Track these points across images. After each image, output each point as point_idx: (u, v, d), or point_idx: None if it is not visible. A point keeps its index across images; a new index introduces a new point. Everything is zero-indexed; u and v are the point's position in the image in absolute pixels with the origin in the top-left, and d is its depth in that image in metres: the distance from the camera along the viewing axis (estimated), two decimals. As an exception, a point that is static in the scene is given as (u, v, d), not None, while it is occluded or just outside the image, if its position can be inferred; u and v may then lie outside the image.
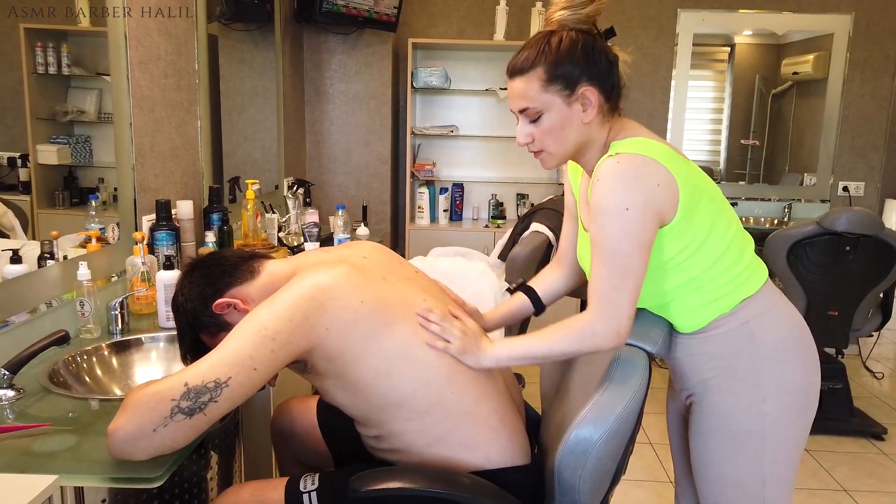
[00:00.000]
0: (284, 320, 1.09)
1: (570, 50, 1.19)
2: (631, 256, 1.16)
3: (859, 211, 2.71)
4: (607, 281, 1.18)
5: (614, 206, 1.14)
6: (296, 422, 1.58)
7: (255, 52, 3.09)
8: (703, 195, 1.22)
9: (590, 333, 1.19)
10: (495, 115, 4.21)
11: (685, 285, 1.25)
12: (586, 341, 1.20)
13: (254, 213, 2.52)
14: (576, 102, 1.21)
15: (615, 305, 1.18)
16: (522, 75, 1.21)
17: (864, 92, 4.06)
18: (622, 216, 1.14)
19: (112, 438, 1.01)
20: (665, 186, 1.16)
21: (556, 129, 1.22)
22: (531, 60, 1.20)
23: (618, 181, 1.15)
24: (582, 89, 1.20)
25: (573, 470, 1.15)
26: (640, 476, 2.66)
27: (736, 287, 1.25)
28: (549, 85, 1.19)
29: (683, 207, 1.18)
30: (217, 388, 1.04)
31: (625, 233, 1.15)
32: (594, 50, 1.20)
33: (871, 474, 2.72)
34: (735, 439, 1.27)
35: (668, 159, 1.17)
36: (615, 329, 1.18)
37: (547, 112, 1.21)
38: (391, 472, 1.17)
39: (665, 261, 1.22)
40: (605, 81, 1.21)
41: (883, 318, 2.99)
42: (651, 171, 1.15)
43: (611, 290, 1.18)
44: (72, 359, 1.49)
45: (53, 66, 1.67)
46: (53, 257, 1.62)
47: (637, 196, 1.14)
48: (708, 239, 1.22)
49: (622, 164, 1.15)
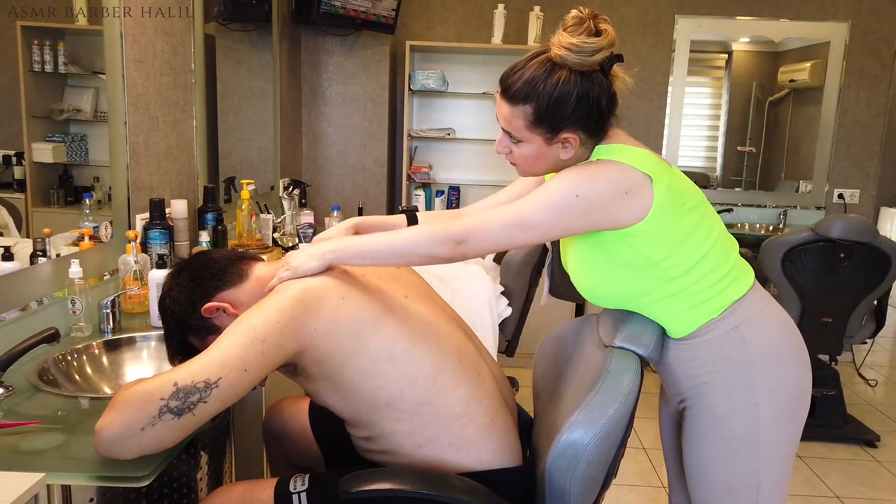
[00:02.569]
0: (273, 322, 1.09)
1: (561, 98, 1.17)
2: (537, 227, 1.17)
3: (854, 218, 2.71)
4: (502, 215, 1.19)
5: (568, 184, 1.16)
6: (287, 422, 1.57)
7: (253, 52, 3.09)
8: (684, 202, 1.23)
9: (442, 236, 1.18)
10: (492, 119, 4.21)
11: (665, 286, 1.25)
12: (435, 241, 1.18)
13: (249, 214, 2.52)
14: (556, 143, 1.22)
15: (484, 230, 1.18)
16: (510, 103, 1.21)
17: (860, 100, 4.07)
18: (566, 195, 1.16)
19: (99, 436, 1.00)
20: (633, 195, 1.17)
21: (529, 158, 1.25)
22: (522, 95, 1.19)
23: (587, 173, 1.17)
24: (564, 135, 1.21)
25: (564, 473, 1.15)
26: (632, 481, 2.66)
27: (721, 290, 1.25)
28: (533, 126, 1.21)
29: (657, 213, 1.18)
30: (207, 388, 1.03)
31: (556, 206, 1.16)
32: (588, 97, 1.18)
33: (863, 481, 2.72)
34: (729, 444, 1.26)
35: (649, 165, 1.18)
36: (465, 237, 1.17)
37: (526, 143, 1.23)
38: (381, 473, 1.16)
39: (639, 258, 1.22)
40: (593, 125, 1.21)
41: (877, 325, 2.99)
42: (623, 177, 1.16)
43: (494, 219, 1.18)
44: (62, 357, 1.48)
45: (50, 65, 1.67)
46: (46, 255, 1.61)
47: (593, 194, 1.15)
48: (686, 242, 1.22)
49: (599, 164, 1.18)
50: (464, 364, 1.24)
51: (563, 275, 1.77)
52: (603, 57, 1.18)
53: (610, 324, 1.31)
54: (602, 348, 1.27)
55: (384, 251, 1.21)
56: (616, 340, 1.24)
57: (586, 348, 1.35)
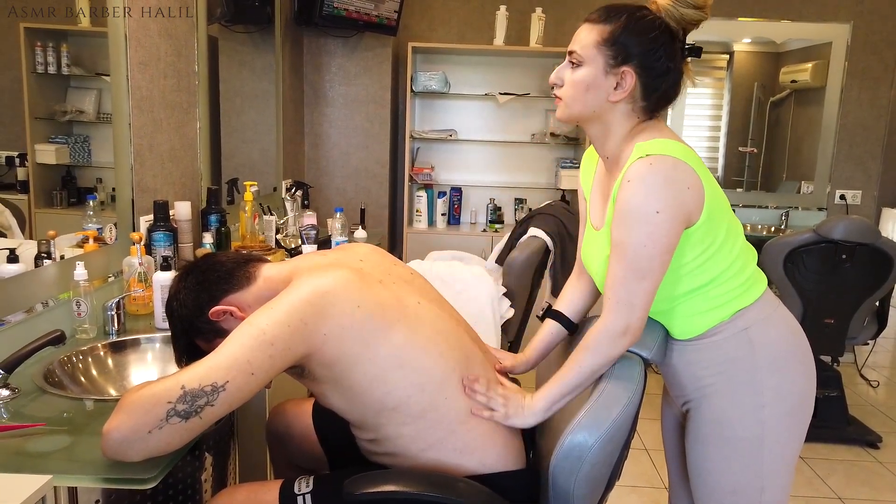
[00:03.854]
0: (283, 325, 1.09)
1: (643, 29, 1.20)
2: (653, 260, 1.16)
3: (856, 219, 2.72)
4: (623, 282, 1.18)
5: (645, 208, 1.14)
6: (291, 424, 1.58)
7: (256, 54, 3.09)
8: (721, 202, 1.23)
9: (607, 338, 1.20)
10: (494, 120, 4.22)
11: (694, 291, 1.25)
12: (605, 347, 1.20)
13: (252, 215, 2.52)
14: (613, 76, 1.21)
15: (627, 305, 1.18)
16: (592, 24, 1.23)
17: (862, 101, 4.07)
18: (651, 219, 1.14)
19: (107, 439, 1.01)
20: (694, 189, 1.16)
21: (581, 85, 1.23)
22: (609, 16, 1.21)
23: (650, 183, 1.15)
24: (625, 68, 1.20)
25: (567, 475, 1.15)
26: (635, 482, 2.66)
27: (738, 295, 1.26)
28: (604, 46, 1.21)
29: (707, 211, 1.18)
30: (214, 391, 1.03)
31: (651, 236, 1.15)
32: (662, 47, 1.20)
33: (865, 483, 2.73)
34: (733, 446, 1.27)
35: (696, 162, 1.18)
36: (624, 325, 1.18)
37: (586, 66, 1.22)
38: (386, 475, 1.17)
39: (681, 265, 1.22)
40: (653, 78, 1.21)
41: (878, 326, 3.00)
42: (682, 173, 1.16)
43: (625, 292, 1.18)
44: (67, 359, 1.49)
45: (53, 66, 1.68)
46: (50, 257, 1.62)
47: (669, 199, 1.14)
48: (723, 245, 1.23)
49: (655, 166, 1.15)
50: (470, 369, 1.24)
51: (565, 276, 1.78)
52: (694, 14, 1.21)
53: (613, 326, 1.31)
54: (605, 351, 1.27)
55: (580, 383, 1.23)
56: (620, 343, 1.25)
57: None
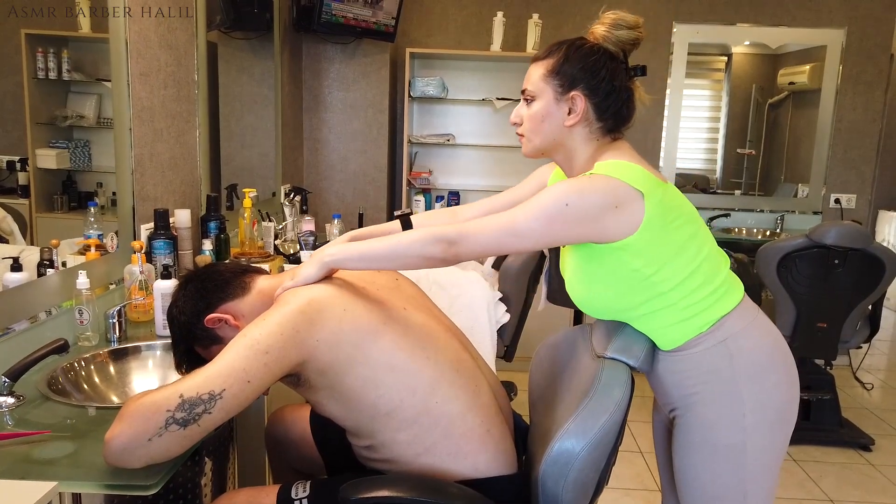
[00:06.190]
0: (276, 335, 1.13)
1: (583, 56, 1.27)
2: (530, 232, 1.21)
3: (848, 225, 2.75)
4: (494, 223, 1.23)
5: (560, 195, 1.20)
6: (290, 429, 1.61)
7: (255, 60, 3.12)
8: (675, 217, 1.26)
9: (434, 235, 1.23)
10: (492, 125, 4.25)
11: (654, 300, 1.28)
12: (427, 239, 1.22)
13: (251, 222, 2.56)
14: (564, 103, 1.29)
15: (475, 235, 1.23)
16: (538, 61, 1.31)
17: (857, 105, 4.11)
18: (558, 205, 1.19)
19: (108, 447, 1.04)
20: (623, 209, 1.20)
21: (537, 117, 1.31)
22: (551, 51, 1.30)
23: (578, 185, 1.21)
24: (574, 94, 1.27)
25: (556, 480, 1.19)
26: (629, 484, 2.69)
27: (711, 304, 1.29)
28: (550, 77, 1.29)
29: (647, 227, 1.22)
30: (211, 399, 1.07)
31: (547, 214, 1.20)
32: (604, 68, 1.27)
33: (857, 485, 2.75)
34: (717, 453, 1.30)
35: (642, 182, 1.22)
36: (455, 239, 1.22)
37: (538, 100, 1.30)
38: (381, 480, 1.20)
39: (630, 271, 1.26)
40: (602, 98, 1.28)
41: (871, 330, 3.03)
42: (615, 192, 1.20)
43: (485, 229, 1.23)
44: (70, 366, 1.51)
45: (54, 71, 1.70)
46: (53, 265, 1.64)
47: (585, 205, 1.19)
48: (676, 257, 1.26)
49: (592, 178, 1.22)
50: (461, 374, 1.28)
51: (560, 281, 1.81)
52: (629, 35, 1.27)
53: (602, 334, 1.34)
54: (595, 358, 1.30)
55: (382, 253, 1.26)
56: (608, 351, 1.28)
57: (580, 358, 1.39)
